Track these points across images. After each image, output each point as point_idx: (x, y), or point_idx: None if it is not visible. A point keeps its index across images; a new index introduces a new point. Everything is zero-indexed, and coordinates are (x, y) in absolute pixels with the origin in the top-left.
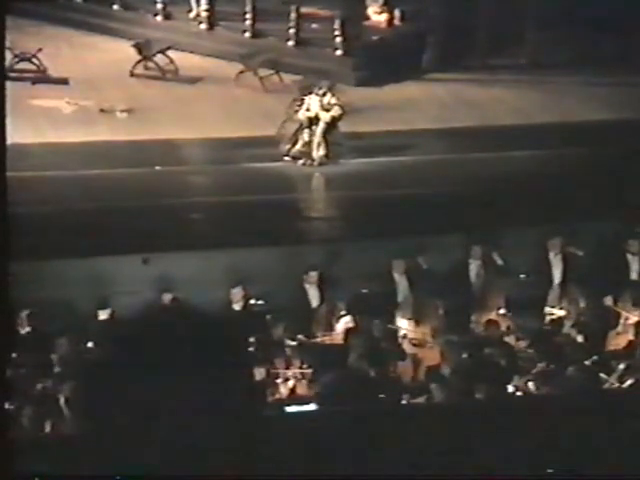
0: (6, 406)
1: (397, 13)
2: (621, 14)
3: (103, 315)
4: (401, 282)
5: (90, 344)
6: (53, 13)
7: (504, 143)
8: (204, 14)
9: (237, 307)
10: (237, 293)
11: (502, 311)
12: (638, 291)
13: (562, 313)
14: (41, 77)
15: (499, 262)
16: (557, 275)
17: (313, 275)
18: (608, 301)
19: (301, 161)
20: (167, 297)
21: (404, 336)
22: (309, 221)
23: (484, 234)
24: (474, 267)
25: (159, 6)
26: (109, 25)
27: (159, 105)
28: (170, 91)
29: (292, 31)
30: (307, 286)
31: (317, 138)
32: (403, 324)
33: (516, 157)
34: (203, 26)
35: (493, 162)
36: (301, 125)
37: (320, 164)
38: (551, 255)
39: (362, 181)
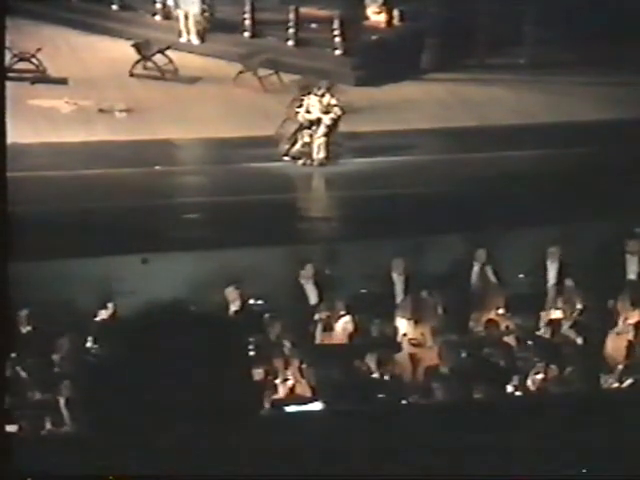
0: (6, 406)
1: (396, 13)
2: (621, 14)
3: (102, 315)
4: (400, 282)
5: (89, 344)
6: (52, 13)
7: (504, 143)
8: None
9: (236, 307)
10: (236, 293)
11: (501, 311)
12: (637, 291)
13: (561, 313)
14: (40, 77)
15: (492, 279)
16: (556, 275)
17: (308, 269)
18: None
19: (301, 161)
20: (167, 297)
21: (403, 336)
22: (309, 221)
23: (483, 234)
24: (473, 267)
25: (158, 6)
26: (108, 25)
27: (158, 105)
28: (169, 91)
29: (291, 31)
30: (303, 282)
31: (318, 140)
32: (402, 324)
33: (516, 157)
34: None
35: (493, 162)
36: (301, 125)
37: (320, 164)
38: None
39: (362, 181)
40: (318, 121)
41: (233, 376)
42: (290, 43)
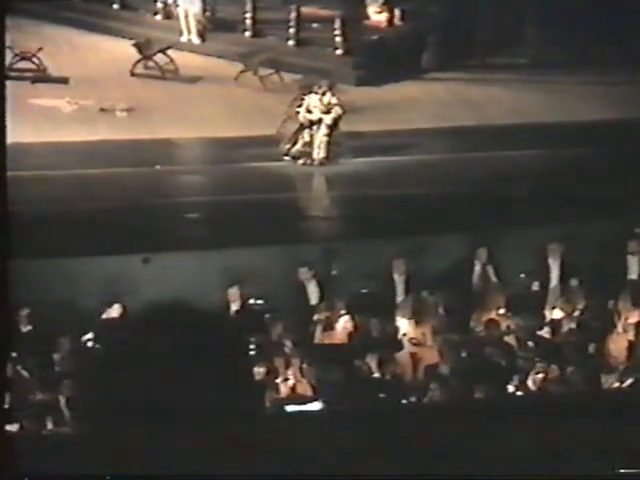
0: (6, 406)
1: (397, 12)
2: (621, 14)
3: (103, 315)
4: (400, 282)
5: (90, 344)
6: (53, 13)
7: (504, 142)
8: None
9: (237, 307)
10: (236, 293)
11: (502, 311)
12: (637, 291)
13: (562, 313)
14: (41, 76)
15: (493, 279)
16: (557, 275)
17: (309, 269)
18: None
19: (301, 161)
20: (167, 296)
21: (404, 335)
22: (309, 221)
23: (484, 233)
24: (474, 266)
25: (159, 5)
26: (109, 24)
27: (159, 104)
28: (170, 90)
29: (292, 30)
30: (304, 281)
31: (318, 140)
32: (403, 324)
33: (516, 157)
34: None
35: (493, 162)
36: (301, 125)
37: (320, 164)
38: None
39: (362, 181)
40: (319, 121)
41: (234, 376)
42: (291, 42)
